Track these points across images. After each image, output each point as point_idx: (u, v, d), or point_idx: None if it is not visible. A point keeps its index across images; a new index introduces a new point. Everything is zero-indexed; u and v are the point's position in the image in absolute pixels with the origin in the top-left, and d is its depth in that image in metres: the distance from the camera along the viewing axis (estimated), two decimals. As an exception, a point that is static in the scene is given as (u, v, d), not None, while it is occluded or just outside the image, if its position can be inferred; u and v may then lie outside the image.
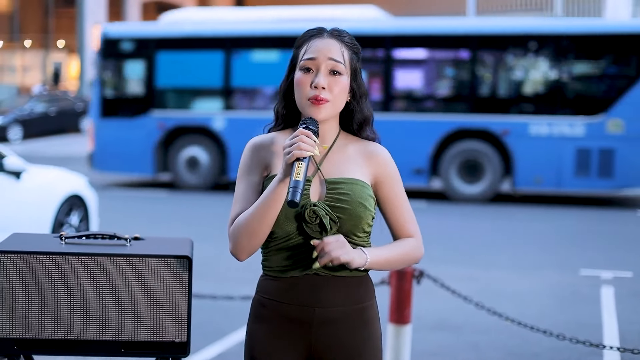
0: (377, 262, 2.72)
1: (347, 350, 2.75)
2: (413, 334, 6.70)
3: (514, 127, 15.81)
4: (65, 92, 37.97)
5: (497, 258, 10.88)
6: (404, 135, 15.85)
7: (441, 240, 11.88)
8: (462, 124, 16.11)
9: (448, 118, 16.26)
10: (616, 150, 15.20)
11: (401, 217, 2.84)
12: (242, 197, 2.77)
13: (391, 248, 2.79)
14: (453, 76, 17.00)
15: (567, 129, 15.51)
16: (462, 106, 16.42)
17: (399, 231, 2.85)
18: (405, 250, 2.81)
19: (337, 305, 2.74)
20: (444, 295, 7.61)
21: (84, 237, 3.03)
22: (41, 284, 2.81)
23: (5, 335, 2.82)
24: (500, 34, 16.43)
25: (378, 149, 2.84)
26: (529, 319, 7.58)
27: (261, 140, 2.85)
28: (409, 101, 17.02)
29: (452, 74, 17.02)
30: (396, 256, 2.79)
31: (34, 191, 9.76)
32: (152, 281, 2.85)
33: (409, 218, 2.86)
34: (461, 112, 16.30)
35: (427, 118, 16.40)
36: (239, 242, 2.70)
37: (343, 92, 2.75)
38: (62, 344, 2.84)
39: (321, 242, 2.60)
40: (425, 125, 16.21)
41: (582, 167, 15.43)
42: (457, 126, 16.10)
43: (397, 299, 5.29)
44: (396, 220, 2.85)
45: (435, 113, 16.54)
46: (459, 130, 16.09)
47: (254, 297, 2.85)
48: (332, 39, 2.77)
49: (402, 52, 17.10)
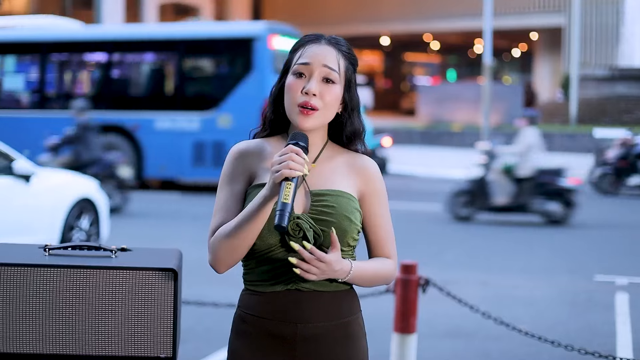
0: (357, 278, 2.62)
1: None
2: (422, 342, 6.59)
3: (143, 123, 17.53)
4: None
5: (511, 263, 10.75)
6: (53, 130, 16.32)
7: (458, 246, 11.77)
8: (101, 120, 16.94)
9: (91, 115, 17.30)
10: (226, 142, 16.52)
11: (381, 236, 2.73)
12: (223, 207, 2.66)
13: (372, 265, 2.69)
14: (93, 77, 19.16)
15: (185, 124, 17.25)
16: (101, 104, 17.93)
17: (377, 250, 2.74)
18: (382, 273, 2.70)
19: (320, 320, 2.63)
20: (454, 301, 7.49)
21: (70, 248, 2.94)
22: (21, 297, 2.72)
23: (-16, 350, 2.73)
24: (131, 39, 18.64)
25: (367, 162, 2.73)
26: (542, 325, 7.47)
27: (246, 146, 2.73)
28: (58, 100, 18.73)
29: (93, 76, 19.19)
30: (375, 274, 2.68)
31: (44, 195, 9.72)
32: (136, 294, 2.75)
33: (389, 238, 2.75)
34: (101, 110, 17.58)
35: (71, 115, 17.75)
36: (219, 255, 2.60)
37: (334, 102, 2.64)
38: (43, 359, 2.74)
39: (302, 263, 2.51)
40: (69, 121, 16.53)
41: (199, 158, 17.07)
42: (98, 122, 16.92)
43: (402, 308, 5.18)
44: (376, 238, 2.73)
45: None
46: (100, 125, 16.79)
47: (235, 312, 2.75)
48: (329, 46, 2.66)
49: (55, 56, 19.06)
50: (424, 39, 51.24)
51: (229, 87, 17.03)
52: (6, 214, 9.07)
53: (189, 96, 17.86)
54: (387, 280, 2.73)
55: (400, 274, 5.20)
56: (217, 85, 17.61)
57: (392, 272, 2.73)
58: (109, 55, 18.38)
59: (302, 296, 2.61)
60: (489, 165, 13.81)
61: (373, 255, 2.74)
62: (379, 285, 2.74)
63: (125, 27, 22.14)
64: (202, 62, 18.51)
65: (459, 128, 31.46)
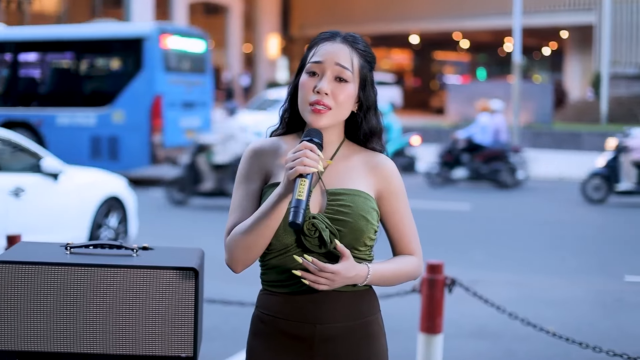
0: (375, 282, 2.60)
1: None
2: (448, 342, 6.55)
3: (46, 119, 18.09)
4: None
5: (539, 262, 10.66)
6: None
7: (485, 244, 11.70)
8: (9, 116, 18.03)
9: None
10: (120, 137, 17.41)
11: (403, 234, 2.70)
12: (239, 206, 2.64)
13: (394, 266, 2.65)
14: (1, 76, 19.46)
15: (83, 119, 17.80)
16: (8, 101, 18.71)
17: (401, 248, 2.71)
18: (406, 270, 2.68)
19: (339, 321, 2.60)
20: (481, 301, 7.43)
21: (92, 247, 2.93)
22: (43, 295, 2.72)
23: (7, 348, 2.73)
24: (34, 40, 19.31)
25: (383, 160, 2.69)
26: (570, 326, 7.41)
27: (262, 145, 2.70)
28: None
29: (0, 75, 19.46)
30: (396, 275, 2.65)
31: (72, 193, 9.76)
32: (157, 294, 2.74)
33: (412, 235, 2.71)
34: (7, 107, 18.51)
35: None
36: (235, 254, 2.57)
37: (348, 101, 2.60)
38: (64, 357, 2.74)
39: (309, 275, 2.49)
40: None
41: (96, 152, 17.67)
42: (6, 118, 18.01)
43: (428, 308, 5.14)
44: (398, 236, 2.70)
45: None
46: (8, 121, 17.76)
47: (254, 312, 2.73)
48: (343, 44, 2.62)
49: None
50: (453, 38, 51.05)
51: (122, 84, 17.63)
52: (34, 212, 9.11)
53: (87, 93, 18.62)
54: (411, 276, 2.70)
55: (426, 273, 5.16)
56: (112, 83, 18.25)
57: (416, 268, 2.70)
58: (15, 55, 19.02)
59: (320, 296, 2.58)
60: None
61: (397, 253, 2.71)
62: (403, 282, 2.70)
63: (28, 29, 23.18)
64: (99, 61, 19.27)
65: (488, 127, 31.30)
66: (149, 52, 17.28)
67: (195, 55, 18.82)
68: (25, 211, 8.96)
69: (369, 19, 46.45)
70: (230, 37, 47.57)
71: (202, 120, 18.71)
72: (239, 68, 47.88)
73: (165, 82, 17.48)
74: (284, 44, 52.48)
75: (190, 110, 18.41)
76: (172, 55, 17.81)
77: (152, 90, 17.20)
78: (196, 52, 18.80)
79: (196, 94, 18.63)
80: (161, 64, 17.33)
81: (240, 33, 48.01)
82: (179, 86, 17.95)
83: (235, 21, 47.51)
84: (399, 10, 45.44)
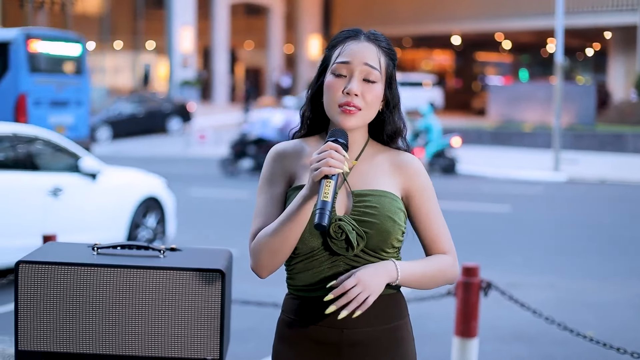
0: (408, 280, 2.51)
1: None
2: (484, 346, 6.48)
3: None
4: (154, 93, 38.44)
5: (579, 265, 10.54)
6: None
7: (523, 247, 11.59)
8: None
9: None
10: None
11: (434, 233, 2.62)
12: (264, 210, 2.58)
13: (425, 263, 2.57)
14: None
15: None
16: None
17: (432, 247, 2.63)
18: (439, 267, 2.59)
19: (366, 325, 2.53)
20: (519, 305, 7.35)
21: (119, 248, 2.92)
22: (69, 296, 2.71)
23: (32, 349, 2.73)
24: None
25: (409, 158, 2.63)
26: (610, 331, 7.30)
27: (284, 147, 2.64)
28: None
29: None
30: (430, 273, 2.56)
31: (110, 193, 9.80)
32: (183, 295, 2.72)
33: (443, 233, 2.63)
34: None
35: None
36: (260, 259, 2.50)
37: (376, 101, 2.54)
38: (89, 358, 2.73)
39: (341, 293, 2.40)
40: None
41: None
42: None
43: (463, 312, 5.08)
44: (429, 235, 2.62)
45: None
46: None
47: (280, 316, 2.67)
48: (368, 42, 2.56)
49: None
50: (495, 38, 50.73)
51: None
52: (73, 212, 9.16)
53: None
54: (447, 276, 2.61)
55: (461, 276, 5.10)
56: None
57: (451, 267, 2.62)
58: None
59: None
60: None
61: (429, 253, 2.64)
62: (440, 284, 2.61)
63: None
64: None
65: (530, 128, 31.05)
66: (14, 54, 17.88)
67: (69, 57, 19.52)
68: (64, 211, 9.01)
69: (410, 19, 46.32)
70: (271, 38, 47.67)
71: (75, 118, 19.24)
72: (280, 68, 47.95)
73: (30, 82, 18.03)
74: (325, 44, 52.47)
75: (62, 108, 18.85)
76: (40, 58, 18.45)
77: (17, 89, 17.78)
78: (69, 55, 19.49)
79: (69, 94, 19.13)
80: (27, 65, 17.94)
81: (282, 34, 48.10)
82: (47, 86, 18.49)
83: (277, 22, 47.60)
84: (441, 10, 45.26)
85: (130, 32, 42.01)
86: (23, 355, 2.73)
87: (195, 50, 40.85)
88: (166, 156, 25.04)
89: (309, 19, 49.68)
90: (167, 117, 32.76)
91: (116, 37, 42.09)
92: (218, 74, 43.11)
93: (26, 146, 9.17)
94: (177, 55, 39.37)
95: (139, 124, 31.78)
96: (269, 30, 47.68)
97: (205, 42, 44.25)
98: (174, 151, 26.45)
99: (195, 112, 34.57)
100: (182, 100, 34.43)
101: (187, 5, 39.38)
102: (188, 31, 39.54)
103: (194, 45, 40.29)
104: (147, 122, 32.07)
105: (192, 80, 39.48)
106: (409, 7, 46.79)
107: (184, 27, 39.31)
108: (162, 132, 32.39)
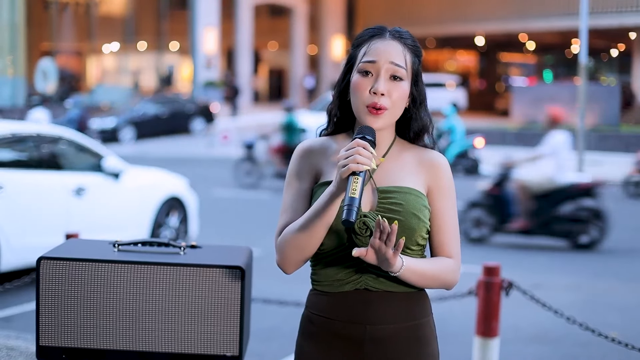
0: (407, 276, 2.48)
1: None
2: (508, 346, 6.46)
3: None
4: (177, 94, 38.54)
5: (604, 265, 10.48)
6: None
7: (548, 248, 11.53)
8: None
9: None
10: None
11: (445, 235, 2.61)
12: (290, 206, 2.59)
13: (428, 265, 2.55)
14: None
15: None
16: None
17: (439, 249, 2.61)
18: (441, 271, 2.57)
19: (389, 322, 2.54)
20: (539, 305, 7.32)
21: (140, 245, 2.93)
22: (89, 292, 2.73)
23: (53, 344, 2.74)
24: None
25: (436, 157, 2.63)
26: (635, 332, 7.26)
27: (311, 144, 2.66)
28: None
29: None
30: (430, 274, 2.54)
31: (133, 192, 9.85)
32: (203, 292, 2.73)
33: (454, 237, 2.62)
34: None
35: None
36: (287, 255, 2.51)
37: (403, 99, 2.55)
38: (110, 354, 2.74)
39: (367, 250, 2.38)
40: None
41: None
42: None
43: (485, 311, 5.07)
44: (439, 236, 2.61)
45: None
46: None
47: (303, 312, 2.68)
48: (394, 40, 2.56)
49: None
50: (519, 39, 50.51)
51: None
52: (96, 212, 9.21)
53: None
54: (446, 282, 2.59)
55: (482, 276, 5.08)
56: None
57: (452, 273, 2.60)
58: None
59: (371, 297, 2.53)
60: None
61: (435, 254, 2.63)
62: (437, 287, 2.60)
63: None
64: None
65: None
66: None
67: None
68: (87, 210, 9.06)
69: (434, 20, 46.21)
70: (294, 39, 47.69)
71: None
72: (304, 69, 47.98)
73: None
74: (348, 45, 52.44)
75: None
76: None
77: None
78: None
79: None
80: None
81: (305, 34, 48.10)
82: None
83: (300, 22, 47.61)
84: (464, 11, 45.11)
85: (154, 33, 42.13)
86: (44, 350, 2.74)
87: (218, 51, 40.92)
88: (189, 156, 25.10)
89: (333, 20, 49.65)
90: (190, 118, 32.83)
91: (140, 38, 42.22)
92: (241, 75, 43.19)
93: (50, 146, 9.23)
94: (201, 56, 39.44)
95: (163, 125, 31.85)
96: (292, 31, 47.68)
97: (228, 43, 44.32)
98: (197, 152, 26.50)
99: (219, 113, 34.64)
100: (205, 101, 34.50)
101: (210, 7, 39.45)
102: (212, 32, 39.59)
103: (217, 46, 40.36)
104: (170, 122, 32.14)
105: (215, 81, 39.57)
106: (432, 8, 46.68)
107: (208, 28, 39.37)
108: (185, 132, 32.45)
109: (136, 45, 42.18)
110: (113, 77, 41.46)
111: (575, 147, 21.78)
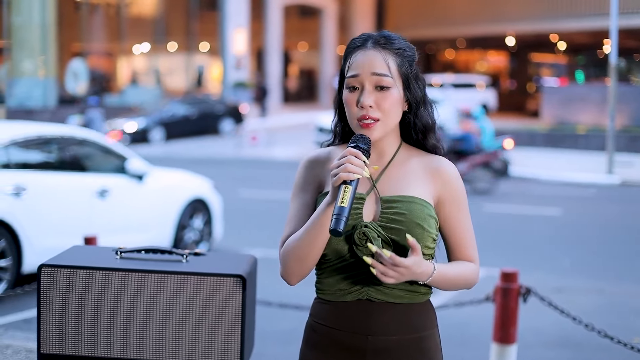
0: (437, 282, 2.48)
1: None
2: (524, 352, 6.40)
3: None
4: (206, 95, 38.66)
5: (629, 269, 10.38)
6: None
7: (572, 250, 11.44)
8: None
9: None
10: None
11: (462, 240, 2.59)
12: (294, 217, 2.58)
13: (456, 268, 2.55)
14: None
15: None
16: None
17: (458, 254, 2.60)
18: (465, 274, 2.57)
19: (391, 333, 2.51)
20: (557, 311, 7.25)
21: (143, 252, 2.92)
22: (91, 300, 2.72)
23: (55, 352, 2.74)
24: None
25: (444, 164, 2.59)
26: (657, 338, 7.18)
27: (316, 155, 2.65)
28: None
29: None
30: (457, 278, 2.54)
31: (157, 194, 9.87)
32: (204, 300, 2.72)
33: (470, 241, 2.60)
34: None
35: None
36: (289, 266, 2.51)
37: (395, 106, 2.51)
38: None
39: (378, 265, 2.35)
40: None
41: None
42: None
43: (502, 318, 5.02)
44: (456, 242, 2.59)
45: None
46: None
47: (307, 320, 2.67)
48: (374, 49, 2.52)
49: None
50: (550, 39, 50.21)
51: None
52: (119, 213, 9.24)
53: None
54: (469, 284, 2.60)
55: (500, 282, 5.04)
56: None
57: (474, 275, 2.60)
58: None
59: (373, 307, 2.51)
60: None
61: (453, 258, 2.61)
62: (459, 289, 2.60)
63: None
64: None
65: (583, 130, 30.66)
66: None
67: None
68: (110, 212, 9.09)
69: (464, 20, 46.01)
70: (324, 39, 47.71)
71: None
72: (334, 70, 47.97)
73: None
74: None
75: None
76: None
77: None
78: None
79: None
80: None
81: (335, 35, 48.11)
82: None
83: (330, 23, 47.62)
84: (495, 11, 44.89)
85: (184, 34, 42.29)
86: (46, 358, 2.74)
87: (248, 51, 41.01)
88: (218, 157, 25.15)
89: (362, 20, 49.61)
90: (219, 119, 32.91)
91: (170, 38, 42.40)
92: (271, 75, 43.26)
93: (74, 148, 9.28)
94: (231, 56, 39.54)
95: (192, 125, 31.95)
96: (322, 31, 47.71)
97: (258, 43, 44.41)
98: (225, 152, 26.54)
99: (248, 114, 34.70)
100: (234, 102, 34.57)
101: (240, 7, 39.54)
102: (241, 33, 39.69)
103: (247, 47, 40.45)
104: (199, 123, 32.23)
105: (245, 82, 39.65)
106: (463, 8, 46.48)
107: (238, 29, 39.47)
108: (214, 133, 32.53)
109: (166, 46, 42.36)
110: (143, 77, 41.64)
111: (605, 148, 21.63)
